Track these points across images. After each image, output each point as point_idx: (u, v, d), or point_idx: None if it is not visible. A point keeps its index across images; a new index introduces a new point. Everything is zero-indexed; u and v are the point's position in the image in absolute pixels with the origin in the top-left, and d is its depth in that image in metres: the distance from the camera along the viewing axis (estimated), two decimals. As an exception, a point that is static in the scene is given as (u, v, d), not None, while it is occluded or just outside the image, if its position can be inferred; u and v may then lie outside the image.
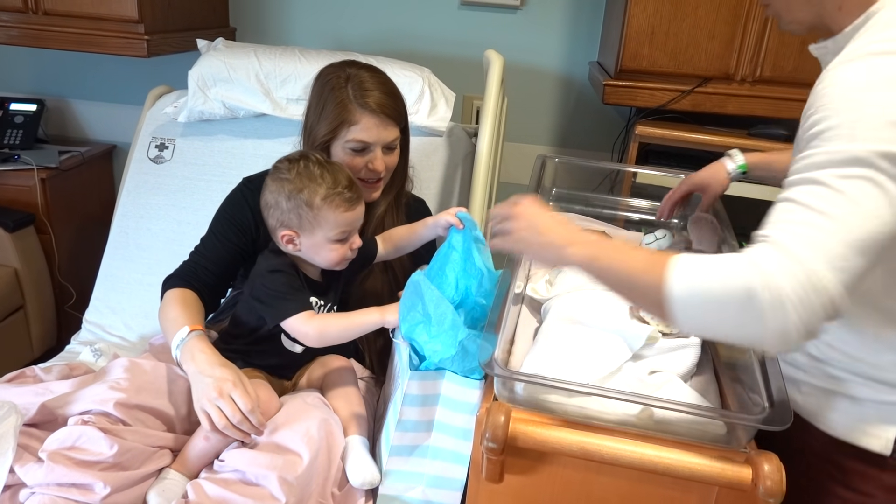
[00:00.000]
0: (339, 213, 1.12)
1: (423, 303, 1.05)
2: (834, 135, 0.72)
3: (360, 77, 1.26)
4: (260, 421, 1.03)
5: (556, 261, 0.91)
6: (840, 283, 0.69)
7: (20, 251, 2.05)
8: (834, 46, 0.86)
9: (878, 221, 0.70)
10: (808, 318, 0.69)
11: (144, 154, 1.81)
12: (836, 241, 0.69)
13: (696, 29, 1.78)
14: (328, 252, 1.15)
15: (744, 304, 0.69)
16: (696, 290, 0.73)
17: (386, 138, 1.26)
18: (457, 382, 1.03)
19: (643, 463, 0.82)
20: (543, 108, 2.32)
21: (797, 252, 0.69)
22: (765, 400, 0.85)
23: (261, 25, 2.36)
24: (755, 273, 0.69)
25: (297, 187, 1.11)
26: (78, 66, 2.44)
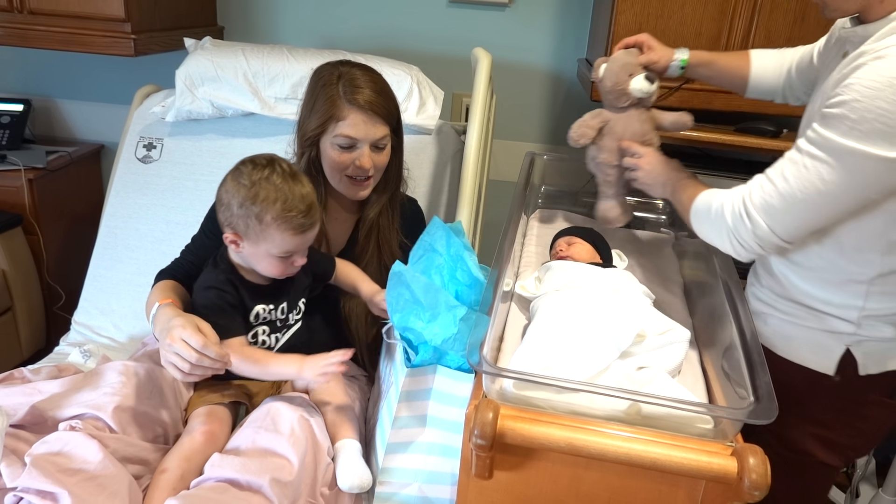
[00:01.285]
0: (286, 235, 1.09)
1: (411, 291, 1.05)
2: (835, 123, 0.90)
3: (351, 75, 1.27)
4: (218, 353, 1.03)
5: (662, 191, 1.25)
6: (769, 227, 0.98)
7: (8, 252, 2.03)
8: (863, 32, 0.97)
9: (820, 198, 0.94)
10: (741, 236, 1.01)
11: (132, 154, 1.80)
12: (778, 198, 0.97)
13: (682, 26, 1.79)
14: (268, 265, 1.13)
15: (712, 217, 1.06)
16: (698, 210, 1.10)
17: (373, 135, 1.26)
18: (449, 376, 1.03)
19: (630, 458, 0.83)
20: (532, 105, 2.32)
21: (748, 197, 1.00)
22: (750, 394, 0.86)
23: (249, 24, 2.35)
24: (720, 202, 1.04)
25: (251, 196, 1.07)
26: (65, 66, 2.43)
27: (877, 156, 0.88)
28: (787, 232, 0.98)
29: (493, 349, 1.03)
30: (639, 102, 1.36)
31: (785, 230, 0.98)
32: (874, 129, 0.86)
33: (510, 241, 1.21)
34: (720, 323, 1.07)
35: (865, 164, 0.89)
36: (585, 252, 1.30)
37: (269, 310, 1.19)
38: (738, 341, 0.97)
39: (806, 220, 0.97)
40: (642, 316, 1.04)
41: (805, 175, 0.94)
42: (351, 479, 1.07)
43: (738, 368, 0.93)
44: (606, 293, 1.10)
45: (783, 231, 0.98)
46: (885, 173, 0.90)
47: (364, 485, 1.07)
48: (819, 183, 0.92)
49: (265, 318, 1.19)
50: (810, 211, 0.95)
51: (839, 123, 0.90)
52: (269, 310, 1.19)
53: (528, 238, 1.50)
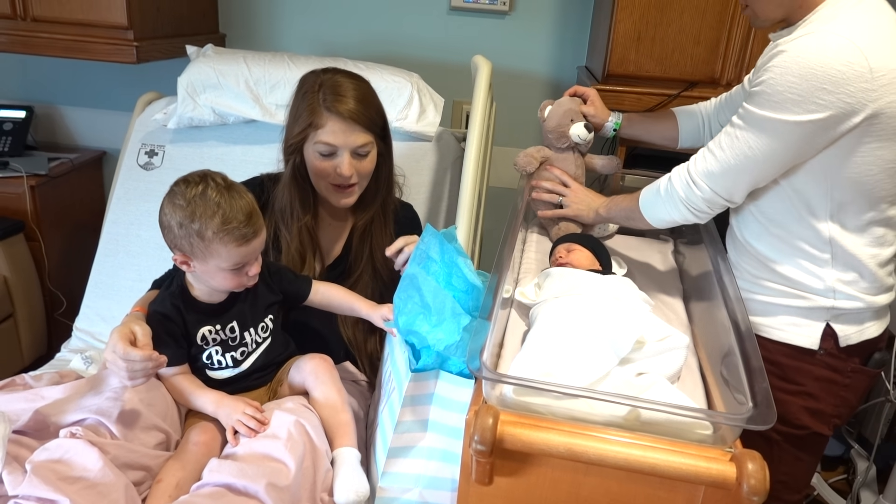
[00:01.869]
0: (231, 248, 1.08)
1: (421, 294, 1.05)
2: (757, 99, 1.07)
3: (334, 82, 1.26)
4: (142, 356, 1.04)
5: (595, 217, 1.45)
6: (711, 190, 1.15)
7: (9, 259, 2.04)
8: (787, 34, 1.12)
9: (749, 162, 1.10)
10: (692, 203, 1.17)
11: (134, 161, 1.81)
12: (717, 165, 1.13)
13: (681, 34, 1.80)
14: (222, 279, 1.13)
15: (663, 196, 1.22)
16: (645, 196, 1.27)
17: (353, 143, 1.26)
18: (451, 382, 1.04)
19: (630, 463, 0.83)
20: (532, 112, 2.31)
21: (692, 167, 1.17)
22: (749, 400, 0.87)
23: (250, 31, 2.37)
24: (668, 179, 1.22)
25: (188, 215, 1.06)
26: (67, 73, 2.44)
27: (789, 121, 1.04)
28: (727, 192, 1.15)
29: (493, 355, 1.03)
30: (575, 147, 1.55)
31: (726, 191, 1.15)
32: (786, 98, 1.03)
33: (510, 248, 1.22)
34: (718, 329, 1.08)
35: (782, 129, 1.05)
36: (585, 259, 1.30)
37: (215, 330, 1.18)
38: (737, 347, 0.98)
39: (740, 181, 1.14)
40: (641, 322, 1.05)
41: (736, 144, 1.11)
42: (347, 494, 1.06)
43: (736, 374, 0.94)
44: (606, 300, 1.11)
45: (724, 192, 1.15)
46: (799, 134, 1.06)
47: (360, 498, 1.07)
48: (747, 149, 1.10)
49: (214, 338, 1.18)
50: (742, 173, 1.12)
51: (760, 99, 1.07)
52: (215, 330, 1.18)
53: (528, 245, 1.51)
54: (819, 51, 1.01)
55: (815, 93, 1.01)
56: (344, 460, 1.11)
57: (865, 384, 1.25)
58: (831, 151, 1.07)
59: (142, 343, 1.07)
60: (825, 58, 1.00)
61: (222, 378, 1.20)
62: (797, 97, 1.02)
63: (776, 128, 1.06)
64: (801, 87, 1.01)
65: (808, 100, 1.02)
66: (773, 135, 1.07)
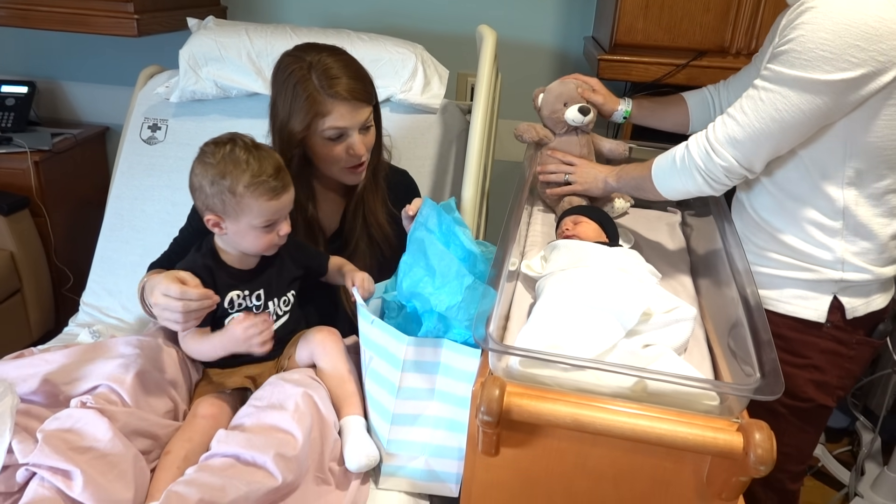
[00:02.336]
0: (262, 201, 1.09)
1: (427, 257, 1.05)
2: (784, 58, 1.03)
3: (323, 64, 1.22)
4: (199, 294, 1.06)
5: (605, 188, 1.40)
6: (734, 158, 1.09)
7: (15, 234, 2.05)
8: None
9: (775, 125, 1.05)
10: (711, 172, 1.12)
11: (137, 135, 1.80)
12: (740, 130, 1.08)
13: (690, 2, 1.76)
14: (254, 238, 1.13)
15: (678, 166, 1.17)
16: (659, 165, 1.22)
17: (360, 120, 1.25)
18: (456, 351, 1.04)
19: (636, 433, 0.83)
20: (538, 83, 2.27)
21: (711, 135, 1.11)
22: (756, 371, 0.86)
23: (252, 3, 2.33)
24: (685, 148, 1.16)
25: (220, 172, 1.08)
26: (68, 47, 2.42)
27: (821, 80, 1.00)
28: (749, 161, 1.10)
29: (500, 328, 1.03)
30: (576, 129, 1.51)
31: (747, 160, 1.10)
32: (817, 56, 0.99)
33: (515, 221, 1.21)
34: (726, 301, 1.07)
35: (813, 89, 1.01)
36: (591, 231, 1.29)
37: (243, 296, 1.18)
38: (745, 319, 0.97)
39: (766, 147, 1.08)
40: (648, 294, 1.04)
41: (762, 107, 1.06)
42: (358, 459, 1.07)
43: (744, 346, 0.93)
44: (612, 272, 1.10)
45: (746, 161, 1.10)
46: (829, 95, 1.01)
47: (371, 463, 1.08)
48: (774, 112, 1.05)
49: (240, 304, 1.18)
50: (768, 138, 1.07)
51: (788, 58, 1.02)
52: (243, 296, 1.18)
53: (534, 218, 1.50)
54: (853, 5, 0.97)
55: (848, 50, 0.97)
56: (351, 428, 1.12)
57: (869, 355, 1.25)
58: (855, 115, 1.04)
59: (194, 283, 1.08)
60: (858, 13, 0.96)
61: None
62: (829, 54, 0.98)
63: (806, 88, 1.01)
64: (834, 44, 0.97)
65: (840, 57, 0.98)
66: (803, 96, 1.02)
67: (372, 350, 1.11)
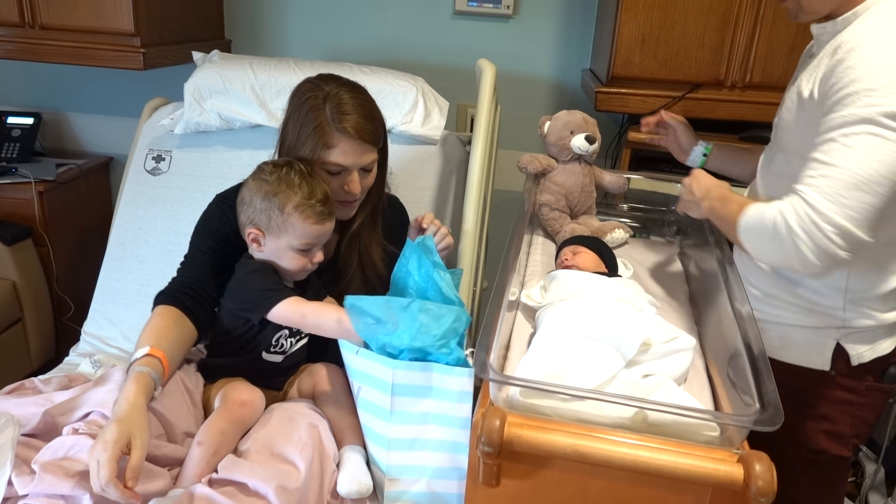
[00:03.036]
0: (307, 223, 1.15)
1: (370, 314, 1.06)
2: (852, 101, 0.94)
3: (339, 98, 1.23)
4: (122, 494, 0.91)
5: (698, 212, 1.21)
6: (843, 216, 0.93)
7: (18, 264, 2.06)
8: (833, 28, 1.06)
9: (879, 165, 0.92)
10: (817, 243, 0.95)
11: (141, 166, 1.82)
12: (839, 183, 0.93)
13: (685, 36, 1.80)
14: (289, 259, 1.18)
15: (771, 236, 1.00)
16: (749, 227, 1.05)
17: (363, 162, 1.25)
18: (447, 373, 1.04)
19: (637, 465, 0.83)
20: (537, 115, 2.31)
21: (807, 195, 0.96)
22: (756, 401, 0.86)
23: (256, 37, 2.38)
24: (777, 214, 0.99)
25: (273, 190, 1.15)
26: (74, 80, 2.46)
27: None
28: (864, 218, 0.94)
29: (500, 357, 1.03)
30: (580, 158, 1.54)
31: (863, 216, 0.93)
32: (886, 85, 0.92)
33: (515, 251, 1.22)
34: (725, 331, 1.08)
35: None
36: (590, 261, 1.30)
37: None
38: (744, 349, 0.98)
39: (877, 195, 0.93)
40: (648, 324, 1.05)
41: (854, 154, 0.93)
42: (349, 485, 1.07)
43: (743, 376, 0.93)
44: (612, 302, 1.11)
45: (861, 218, 0.93)
46: None
47: (363, 490, 1.08)
48: (873, 152, 0.92)
49: None
50: (878, 185, 0.92)
51: (856, 100, 0.93)
52: None
53: (534, 247, 1.51)
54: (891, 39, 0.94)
55: None
56: (350, 457, 1.12)
57: (882, 401, 1.20)
58: None
59: (132, 468, 0.93)
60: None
61: (276, 363, 1.23)
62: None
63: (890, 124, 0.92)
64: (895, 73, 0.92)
65: None
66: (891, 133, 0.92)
67: (360, 380, 1.12)
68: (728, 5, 1.76)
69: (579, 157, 1.54)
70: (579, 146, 1.51)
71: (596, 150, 1.54)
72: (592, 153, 1.54)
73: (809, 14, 1.09)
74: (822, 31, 1.09)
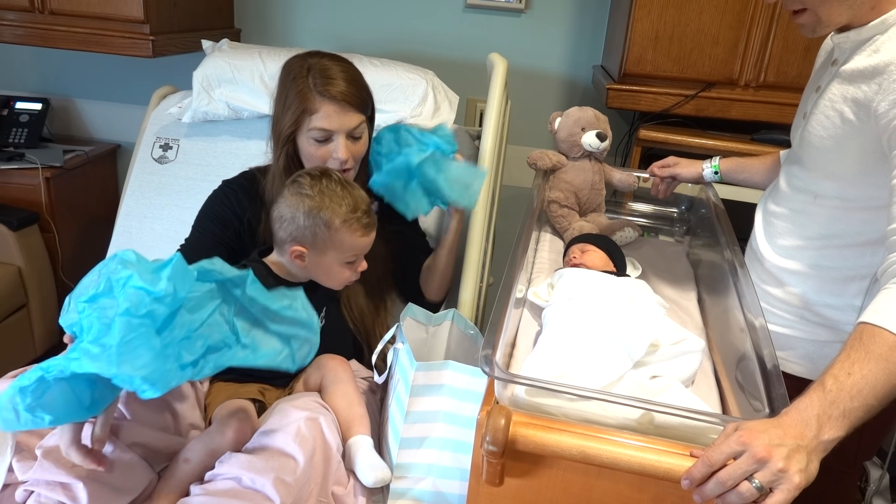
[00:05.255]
0: (355, 237, 1.13)
1: None
2: None
3: (321, 65, 1.24)
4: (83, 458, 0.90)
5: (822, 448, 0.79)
6: None
7: (24, 250, 2.06)
8: (856, 37, 1.03)
9: None
10: None
11: (148, 154, 1.81)
12: None
13: (700, 34, 1.78)
14: (335, 273, 1.17)
15: None
16: None
17: (348, 125, 1.24)
18: (461, 372, 1.04)
19: (643, 467, 0.82)
20: (547, 111, 2.30)
21: None
22: (765, 406, 0.85)
23: (266, 27, 2.37)
24: None
25: (317, 205, 1.12)
26: (83, 66, 2.45)
27: None
28: None
29: (506, 355, 1.02)
30: (590, 155, 1.52)
31: None
32: None
33: (523, 248, 1.21)
34: (735, 334, 1.07)
35: None
36: (599, 260, 1.29)
37: None
38: (753, 353, 0.96)
39: None
40: (656, 325, 1.04)
41: None
42: (374, 474, 1.07)
43: (752, 380, 0.92)
44: (620, 302, 1.10)
45: None
46: None
47: (385, 478, 1.08)
48: None
49: None
50: None
51: None
52: None
53: (541, 244, 1.50)
54: None
55: None
56: (360, 446, 1.12)
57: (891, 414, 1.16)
58: None
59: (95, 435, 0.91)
60: None
61: None
62: None
63: None
64: None
65: None
66: None
67: (400, 374, 1.13)
68: (744, 4, 1.74)
69: (590, 154, 1.52)
70: (590, 143, 1.50)
71: (607, 147, 1.52)
72: (603, 150, 1.52)
73: (828, 27, 1.05)
74: (845, 40, 1.06)
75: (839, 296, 1.11)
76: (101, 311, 0.83)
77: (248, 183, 1.34)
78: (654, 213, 1.69)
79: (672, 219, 1.68)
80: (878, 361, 0.76)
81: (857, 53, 1.03)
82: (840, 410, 0.76)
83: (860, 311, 1.08)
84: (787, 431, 0.75)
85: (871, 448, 1.18)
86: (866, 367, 0.76)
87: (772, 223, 1.20)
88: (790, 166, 1.20)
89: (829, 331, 1.13)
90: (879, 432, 1.18)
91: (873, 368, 0.76)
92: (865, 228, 1.06)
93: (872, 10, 1.01)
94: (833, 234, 1.10)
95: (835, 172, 1.07)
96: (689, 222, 1.64)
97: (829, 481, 1.15)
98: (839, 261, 1.10)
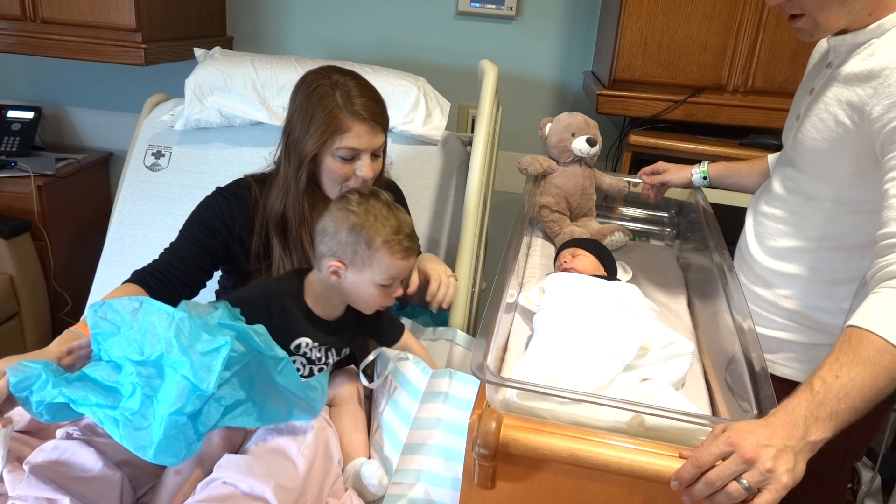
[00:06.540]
0: (395, 259, 1.11)
1: None
2: None
3: (346, 84, 1.24)
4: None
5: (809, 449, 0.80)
6: None
7: (16, 258, 2.05)
8: (853, 40, 1.03)
9: None
10: None
11: (141, 162, 1.82)
12: None
13: (688, 40, 1.80)
14: (369, 295, 1.14)
15: None
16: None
17: (376, 144, 1.26)
18: (464, 381, 1.05)
19: (633, 469, 0.83)
20: (538, 117, 2.32)
21: None
22: (754, 407, 0.86)
23: (258, 34, 2.38)
24: None
25: (360, 223, 1.10)
26: (75, 74, 2.45)
27: None
28: None
29: (497, 359, 1.03)
30: (581, 160, 1.53)
31: None
32: None
33: (514, 253, 1.21)
34: (724, 337, 1.08)
35: None
36: (589, 264, 1.30)
37: (311, 346, 1.17)
38: (742, 355, 0.97)
39: None
40: (646, 329, 1.05)
41: None
42: (379, 475, 1.08)
43: (741, 382, 0.93)
44: (610, 306, 1.11)
45: None
46: None
47: (385, 483, 1.09)
48: None
49: (304, 352, 1.17)
50: None
51: None
52: (311, 346, 1.17)
53: (533, 249, 1.51)
54: None
55: None
56: (363, 461, 1.13)
57: (879, 418, 1.17)
58: None
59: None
60: None
61: None
62: None
63: None
64: None
65: None
66: None
67: (399, 382, 1.13)
68: (731, 10, 1.76)
69: (580, 159, 1.54)
70: (580, 148, 1.51)
71: (597, 152, 1.53)
72: (593, 156, 1.53)
73: (826, 32, 1.05)
74: (841, 43, 1.06)
75: (828, 299, 1.11)
76: (146, 381, 0.93)
77: (242, 191, 1.33)
78: (644, 218, 1.71)
79: (662, 223, 1.69)
80: (865, 365, 0.77)
81: (852, 56, 1.03)
82: (827, 412, 0.77)
83: (848, 314, 1.08)
84: (775, 432, 0.76)
85: (859, 450, 1.18)
86: (854, 370, 0.78)
87: (764, 225, 1.20)
88: (784, 168, 1.20)
89: (817, 333, 1.13)
90: (867, 434, 1.18)
91: (861, 371, 0.77)
92: (856, 232, 1.07)
93: (870, 15, 1.01)
94: (825, 236, 1.10)
95: (828, 175, 1.07)
96: (678, 226, 1.65)
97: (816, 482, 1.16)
98: (830, 264, 1.11)
